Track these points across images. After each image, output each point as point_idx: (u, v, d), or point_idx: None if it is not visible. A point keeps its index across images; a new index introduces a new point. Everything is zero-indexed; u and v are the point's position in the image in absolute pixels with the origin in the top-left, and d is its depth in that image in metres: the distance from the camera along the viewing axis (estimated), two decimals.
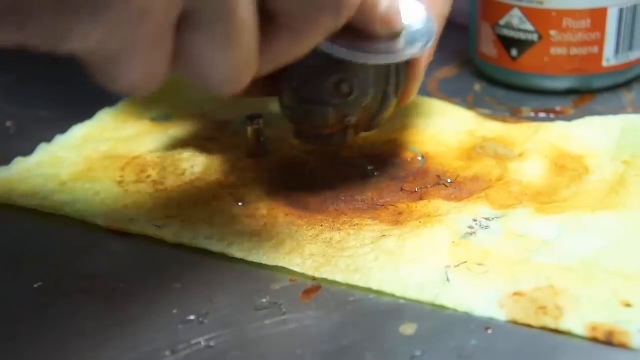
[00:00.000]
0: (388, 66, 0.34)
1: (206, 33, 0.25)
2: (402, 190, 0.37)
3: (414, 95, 0.37)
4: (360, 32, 0.31)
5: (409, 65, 0.35)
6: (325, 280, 0.31)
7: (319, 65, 0.33)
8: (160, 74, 0.25)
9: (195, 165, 0.39)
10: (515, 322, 0.28)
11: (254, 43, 0.26)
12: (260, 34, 0.26)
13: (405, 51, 0.33)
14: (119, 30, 0.23)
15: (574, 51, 0.46)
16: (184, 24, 0.24)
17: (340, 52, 0.31)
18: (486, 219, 0.34)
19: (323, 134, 0.35)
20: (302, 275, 0.31)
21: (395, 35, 0.33)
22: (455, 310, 0.29)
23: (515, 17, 0.46)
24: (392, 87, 0.35)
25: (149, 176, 0.38)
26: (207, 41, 0.25)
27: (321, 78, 0.33)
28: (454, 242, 0.32)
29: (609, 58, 0.46)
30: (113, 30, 0.22)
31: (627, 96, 0.47)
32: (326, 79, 0.33)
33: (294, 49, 0.28)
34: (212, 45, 0.25)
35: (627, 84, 0.48)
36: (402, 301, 0.30)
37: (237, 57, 0.25)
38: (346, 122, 0.34)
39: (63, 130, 0.43)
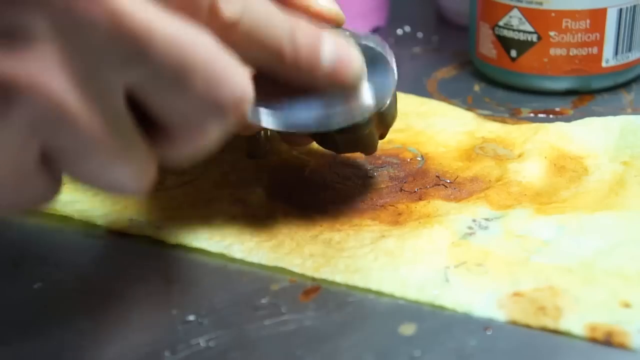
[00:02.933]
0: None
1: (82, 165, 0.24)
2: (401, 190, 0.37)
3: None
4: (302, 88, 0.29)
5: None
6: (324, 280, 0.31)
7: None
8: (46, 198, 0.24)
9: (195, 165, 0.39)
10: (514, 323, 0.28)
11: (142, 153, 0.25)
12: (152, 137, 0.25)
13: (367, 105, 0.30)
14: None
15: (574, 52, 0.46)
16: (52, 162, 0.23)
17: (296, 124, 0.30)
18: (485, 219, 0.34)
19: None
20: (302, 275, 0.31)
21: (351, 89, 0.30)
22: (455, 311, 0.29)
23: (514, 18, 0.46)
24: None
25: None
26: (86, 170, 0.24)
27: None
28: (453, 243, 0.32)
29: (608, 59, 0.46)
30: None
31: (627, 97, 0.47)
32: None
33: (195, 149, 0.26)
34: (93, 172, 0.24)
35: (626, 85, 0.48)
36: (401, 301, 0.30)
37: (125, 170, 0.24)
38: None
39: None
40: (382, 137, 0.36)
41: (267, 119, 0.30)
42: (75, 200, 0.36)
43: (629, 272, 0.30)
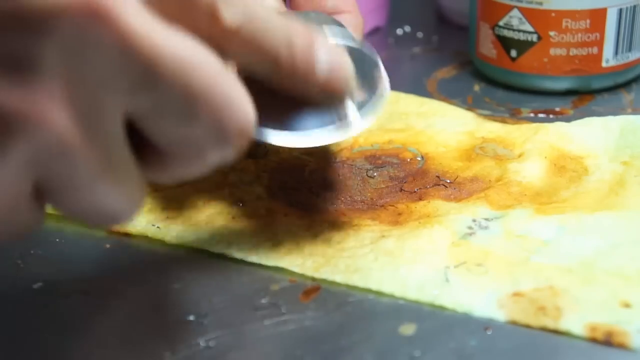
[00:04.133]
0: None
1: (72, 195, 0.23)
2: (401, 190, 0.37)
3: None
4: (295, 98, 0.29)
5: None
6: (324, 280, 0.31)
7: None
8: (33, 227, 0.24)
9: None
10: (514, 323, 0.28)
11: (135, 180, 0.24)
12: (145, 163, 0.24)
13: (355, 122, 0.30)
14: None
15: (574, 52, 0.46)
16: (44, 194, 0.23)
17: (278, 138, 0.29)
18: (485, 219, 0.34)
19: None
20: (302, 275, 0.31)
21: (343, 99, 0.29)
22: (455, 311, 0.29)
23: (514, 18, 0.46)
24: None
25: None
26: (78, 202, 0.23)
27: None
28: (453, 243, 0.32)
29: (608, 58, 0.46)
30: None
31: (627, 97, 0.47)
32: None
33: (189, 173, 0.25)
34: (85, 203, 0.23)
35: (626, 85, 0.48)
36: (401, 301, 0.30)
37: (116, 200, 0.23)
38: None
39: None
40: None
41: (268, 137, 0.29)
42: None
43: (629, 272, 0.30)
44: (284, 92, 0.28)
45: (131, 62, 0.21)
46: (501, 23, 0.47)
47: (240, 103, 0.24)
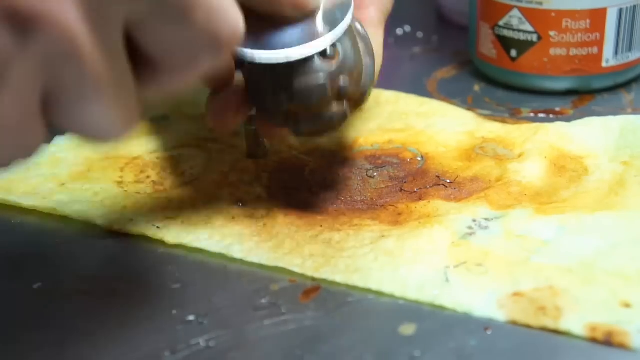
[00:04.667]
0: (350, 28, 0.32)
1: (75, 105, 0.23)
2: (401, 190, 0.37)
3: (381, 52, 0.36)
4: (265, 18, 0.30)
5: (366, 23, 0.34)
6: (324, 280, 0.31)
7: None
8: (36, 147, 0.24)
9: (195, 165, 0.39)
10: (514, 323, 0.28)
11: (130, 93, 0.25)
12: (137, 77, 0.25)
13: (325, 34, 0.31)
14: None
15: (574, 52, 0.46)
16: (48, 104, 0.23)
17: (253, 55, 0.30)
18: (485, 219, 0.34)
19: (323, 116, 0.33)
20: (302, 275, 0.31)
21: (310, 14, 0.31)
22: (455, 311, 0.29)
23: (514, 18, 0.46)
24: (369, 57, 0.33)
25: (148, 177, 0.38)
26: (77, 110, 0.24)
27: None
28: (453, 243, 0.32)
29: (609, 58, 0.46)
30: None
31: (627, 97, 0.47)
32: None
33: (179, 84, 0.26)
34: (83, 112, 0.24)
35: (626, 85, 0.48)
36: (401, 301, 0.30)
37: (113, 111, 0.24)
38: (341, 89, 0.32)
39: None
40: (356, 105, 0.34)
41: (247, 54, 0.30)
42: (75, 200, 0.36)
43: (629, 272, 0.30)
44: (259, 13, 0.29)
45: None
46: (501, 23, 0.47)
47: (231, 8, 0.25)
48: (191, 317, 0.29)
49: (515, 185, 0.36)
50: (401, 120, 0.43)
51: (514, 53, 0.47)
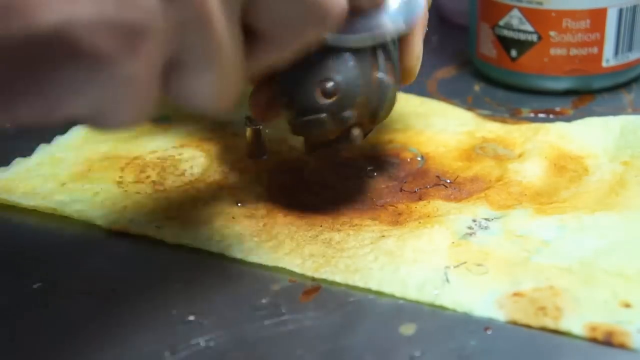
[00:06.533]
0: (373, 51, 0.32)
1: (195, 73, 0.24)
2: (401, 190, 0.37)
3: (415, 73, 0.35)
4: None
5: (402, 41, 0.34)
6: (324, 280, 0.31)
7: (299, 74, 0.32)
8: (148, 112, 0.25)
9: (195, 165, 0.39)
10: (514, 323, 0.28)
11: (240, 66, 0.26)
12: (244, 50, 0.26)
13: (387, 25, 0.32)
14: (108, 97, 0.23)
15: (574, 52, 0.46)
16: (170, 69, 0.24)
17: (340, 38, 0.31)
18: (485, 219, 0.34)
19: (330, 141, 0.34)
20: (302, 275, 0.31)
21: (376, 8, 0.32)
22: (455, 311, 0.29)
23: (514, 18, 0.46)
24: (385, 71, 0.32)
25: (148, 177, 0.38)
26: (195, 78, 0.25)
27: (305, 86, 0.32)
28: (453, 243, 0.32)
29: (609, 58, 0.46)
30: (102, 98, 0.23)
31: (627, 97, 0.47)
32: (309, 86, 0.32)
33: (280, 57, 0.28)
34: (200, 80, 0.25)
35: (626, 85, 0.48)
36: (401, 301, 0.30)
37: (224, 82, 0.25)
38: (346, 122, 0.32)
39: (63, 130, 0.43)
40: (371, 123, 0.34)
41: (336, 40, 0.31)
42: (75, 200, 0.36)
43: (629, 272, 0.30)
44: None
45: None
46: (501, 23, 0.47)
47: None
48: (191, 317, 0.29)
49: (516, 185, 0.36)
50: (401, 120, 0.43)
51: (514, 53, 0.47)
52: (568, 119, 0.42)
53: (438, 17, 0.61)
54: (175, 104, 0.26)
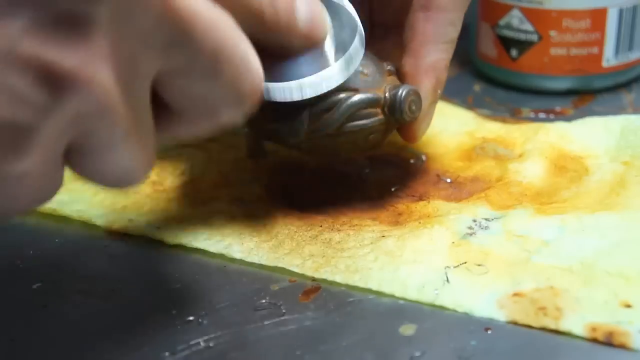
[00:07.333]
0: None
1: (101, 156, 0.24)
2: (401, 190, 0.37)
3: (418, 137, 0.36)
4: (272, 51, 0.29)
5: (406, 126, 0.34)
6: (324, 280, 0.31)
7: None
8: (55, 191, 0.24)
9: (194, 165, 0.39)
10: (515, 323, 0.28)
11: (150, 141, 0.25)
12: (156, 125, 0.25)
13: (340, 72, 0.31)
14: (3, 193, 0.22)
15: (574, 51, 0.46)
16: (74, 153, 0.23)
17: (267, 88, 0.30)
18: (486, 219, 0.34)
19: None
20: (302, 275, 0.31)
21: (317, 45, 0.30)
22: (455, 311, 0.29)
23: (515, 18, 0.46)
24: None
25: (148, 176, 0.38)
26: (102, 161, 0.24)
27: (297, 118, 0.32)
28: (453, 243, 0.32)
29: (609, 58, 0.46)
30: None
31: (627, 96, 0.47)
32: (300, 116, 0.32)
33: (195, 133, 0.26)
34: (108, 162, 0.24)
35: (627, 85, 0.48)
36: (401, 302, 0.30)
37: (133, 160, 0.24)
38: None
39: None
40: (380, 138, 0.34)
41: (272, 93, 0.30)
42: (75, 200, 0.36)
43: (629, 272, 0.30)
44: (265, 47, 0.29)
45: (168, 21, 0.22)
46: (501, 23, 0.47)
47: (254, 63, 0.26)
48: (191, 318, 0.29)
49: (516, 185, 0.36)
50: None
51: (514, 53, 0.47)
52: (568, 119, 0.42)
53: None
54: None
